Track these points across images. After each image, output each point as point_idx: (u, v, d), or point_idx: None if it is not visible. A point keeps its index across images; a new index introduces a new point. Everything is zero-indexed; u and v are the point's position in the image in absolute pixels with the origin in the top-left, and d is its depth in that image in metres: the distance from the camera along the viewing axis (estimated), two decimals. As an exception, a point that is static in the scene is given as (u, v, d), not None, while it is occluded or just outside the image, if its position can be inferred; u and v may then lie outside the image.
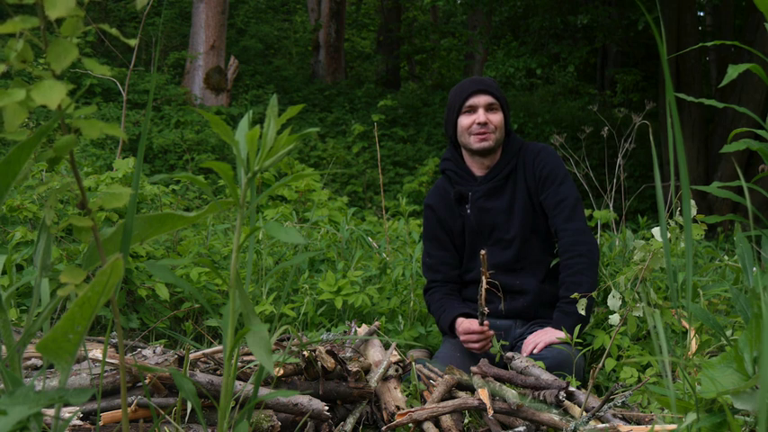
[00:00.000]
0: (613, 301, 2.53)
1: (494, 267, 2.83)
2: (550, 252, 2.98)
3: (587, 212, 4.15)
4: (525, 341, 2.77)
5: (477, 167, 3.02)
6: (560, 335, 2.67)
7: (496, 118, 2.93)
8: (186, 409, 1.88)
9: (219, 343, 2.79)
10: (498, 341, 2.71)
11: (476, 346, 2.79)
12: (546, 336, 2.72)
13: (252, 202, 1.26)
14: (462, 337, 2.82)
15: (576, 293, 2.58)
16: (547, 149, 2.99)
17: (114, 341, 2.23)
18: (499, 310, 2.87)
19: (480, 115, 2.92)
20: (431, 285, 3.06)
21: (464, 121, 2.95)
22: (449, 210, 3.03)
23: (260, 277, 3.67)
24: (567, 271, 2.82)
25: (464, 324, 2.82)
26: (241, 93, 13.50)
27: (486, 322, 2.72)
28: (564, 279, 2.82)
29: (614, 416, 2.02)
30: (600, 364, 2.24)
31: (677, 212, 2.33)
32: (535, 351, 2.69)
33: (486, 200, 2.97)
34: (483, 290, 2.55)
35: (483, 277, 2.54)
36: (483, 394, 2.06)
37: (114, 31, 1.07)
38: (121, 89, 5.44)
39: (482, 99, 2.93)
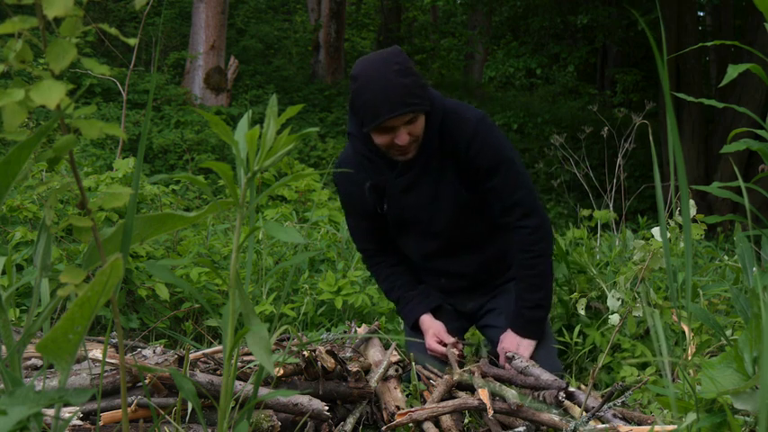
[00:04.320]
0: (613, 301, 2.53)
1: (424, 255, 2.72)
2: (489, 233, 2.71)
3: (587, 212, 4.16)
4: (499, 349, 2.64)
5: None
6: (532, 346, 2.59)
7: (419, 127, 2.46)
8: (186, 409, 1.88)
9: (219, 343, 2.79)
10: (486, 347, 2.67)
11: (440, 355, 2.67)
12: (521, 350, 2.59)
13: (252, 202, 1.26)
14: (428, 348, 2.71)
15: (536, 296, 2.55)
16: (478, 132, 2.49)
17: (114, 341, 2.23)
18: (442, 285, 2.78)
19: (401, 135, 2.43)
20: (366, 254, 2.82)
21: (379, 139, 2.46)
22: (361, 198, 2.66)
23: (260, 277, 3.67)
24: (525, 272, 2.62)
25: (430, 341, 2.68)
26: (241, 93, 13.50)
27: (458, 345, 2.62)
28: (523, 277, 2.63)
29: (614, 416, 2.02)
30: (599, 364, 2.24)
31: (677, 212, 2.33)
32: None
33: (403, 195, 2.61)
34: (454, 362, 2.49)
35: (453, 350, 2.52)
36: (483, 394, 2.06)
37: (114, 30, 1.07)
38: (121, 89, 5.44)
39: (401, 120, 2.41)
